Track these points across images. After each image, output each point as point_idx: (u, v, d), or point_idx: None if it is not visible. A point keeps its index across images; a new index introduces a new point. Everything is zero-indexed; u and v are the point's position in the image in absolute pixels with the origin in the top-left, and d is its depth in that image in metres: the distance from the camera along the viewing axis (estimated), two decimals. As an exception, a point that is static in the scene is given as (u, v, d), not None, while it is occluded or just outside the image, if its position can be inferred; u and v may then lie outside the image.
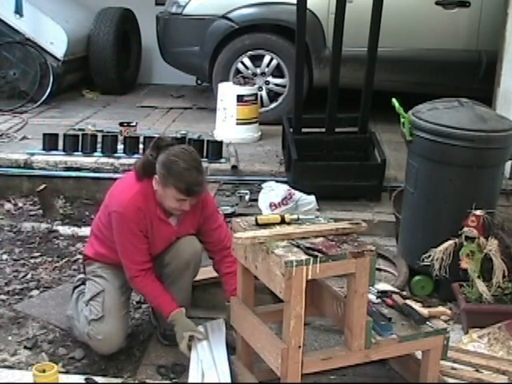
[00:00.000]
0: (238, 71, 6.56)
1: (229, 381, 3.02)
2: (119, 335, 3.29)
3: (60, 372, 3.04)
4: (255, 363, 3.13)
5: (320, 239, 2.83)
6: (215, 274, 3.57)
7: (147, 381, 3.17)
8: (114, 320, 3.27)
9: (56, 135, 5.63)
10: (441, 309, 3.22)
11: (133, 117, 6.59)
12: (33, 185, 5.26)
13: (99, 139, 5.59)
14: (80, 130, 6.18)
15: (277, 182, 4.94)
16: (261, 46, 6.56)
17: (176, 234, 3.37)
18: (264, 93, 6.63)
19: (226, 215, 4.51)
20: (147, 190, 3.22)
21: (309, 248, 2.72)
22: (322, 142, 5.17)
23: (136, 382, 3.17)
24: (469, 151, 3.80)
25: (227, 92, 6.10)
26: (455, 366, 3.26)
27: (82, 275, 3.73)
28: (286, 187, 4.75)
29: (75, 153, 5.50)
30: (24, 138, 5.99)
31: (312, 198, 4.73)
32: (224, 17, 6.56)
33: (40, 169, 5.40)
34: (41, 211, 5.08)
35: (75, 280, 3.71)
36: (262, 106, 6.57)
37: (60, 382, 2.97)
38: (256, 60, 6.60)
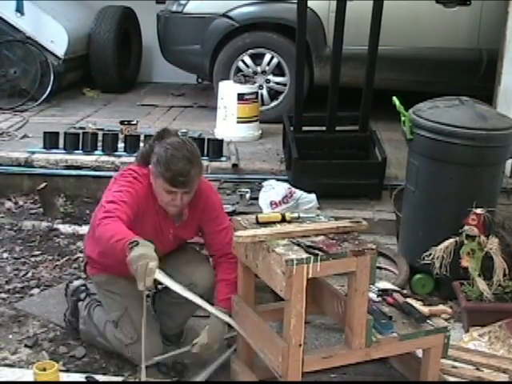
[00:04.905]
0: (238, 69, 6.56)
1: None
2: (158, 346, 3.25)
3: (61, 370, 3.03)
4: (256, 362, 3.14)
5: (320, 237, 2.83)
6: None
7: (147, 379, 3.16)
8: (150, 335, 3.16)
9: (57, 134, 5.63)
10: (441, 307, 3.23)
11: (133, 115, 6.59)
12: (33, 183, 5.26)
13: (100, 138, 5.59)
14: (81, 128, 6.18)
15: (277, 180, 4.93)
16: (261, 44, 6.56)
17: (175, 231, 3.25)
18: (265, 91, 6.63)
19: (227, 213, 4.51)
20: (150, 184, 3.10)
21: (309, 246, 2.72)
22: (322, 141, 5.17)
23: (136, 380, 3.17)
24: (469, 149, 3.80)
25: (228, 90, 6.10)
26: (456, 364, 3.26)
27: (80, 281, 3.66)
28: (286, 186, 4.75)
29: (76, 151, 5.50)
30: (24, 136, 5.98)
31: (312, 196, 4.73)
32: (224, 15, 6.56)
33: (40, 167, 5.40)
34: (41, 210, 5.08)
35: (71, 288, 3.59)
36: (263, 104, 6.57)
37: (60, 380, 2.97)
38: (257, 58, 6.60)
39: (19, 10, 7.11)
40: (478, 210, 3.67)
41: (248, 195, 4.94)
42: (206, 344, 3.11)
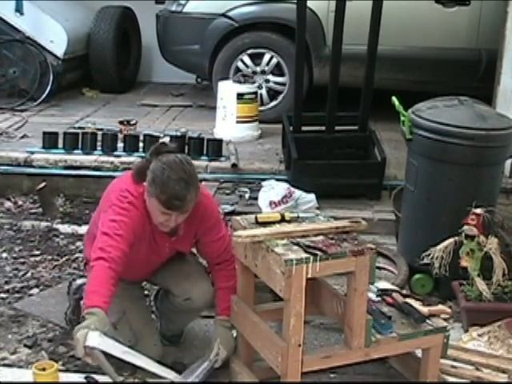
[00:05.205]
0: (237, 69, 6.57)
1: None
2: (157, 348, 3.24)
3: (60, 370, 3.04)
4: (255, 361, 3.14)
5: (320, 237, 2.83)
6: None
7: (147, 379, 3.17)
8: (149, 338, 3.19)
9: (56, 133, 5.64)
10: (441, 307, 3.23)
11: (133, 115, 6.59)
12: (33, 183, 5.26)
13: (99, 137, 5.60)
14: (80, 128, 6.18)
15: (277, 180, 4.94)
16: (261, 44, 6.56)
17: (171, 244, 3.19)
18: (264, 91, 6.64)
19: (226, 214, 4.52)
20: (145, 204, 3.02)
21: (309, 246, 2.72)
22: (321, 141, 5.17)
23: (136, 380, 3.17)
24: (469, 149, 3.80)
25: (227, 90, 6.10)
26: (455, 364, 3.26)
27: (82, 280, 3.63)
28: (285, 185, 4.76)
29: (75, 151, 5.50)
30: (24, 136, 5.99)
31: (312, 196, 4.73)
32: (224, 15, 6.56)
33: (40, 167, 5.40)
34: (41, 209, 5.08)
35: (74, 286, 3.58)
36: (262, 104, 6.57)
37: (60, 380, 2.97)
38: (256, 58, 6.61)
39: (19, 9, 7.12)
40: (478, 210, 3.67)
41: (247, 195, 4.94)
42: (226, 355, 3.17)
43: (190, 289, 3.23)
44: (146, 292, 3.74)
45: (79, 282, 3.62)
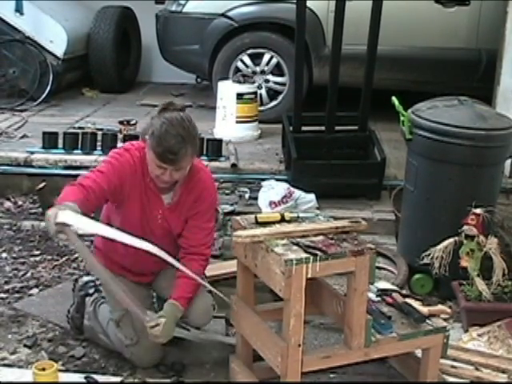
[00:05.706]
0: (237, 69, 6.56)
1: None
2: (158, 348, 3.23)
3: (60, 370, 3.03)
4: (255, 361, 3.14)
5: (320, 237, 2.83)
6: (219, 272, 3.54)
7: (147, 379, 3.17)
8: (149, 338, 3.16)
9: (56, 133, 5.63)
10: (440, 307, 3.23)
11: (132, 115, 6.57)
12: (32, 183, 5.25)
13: (99, 137, 5.59)
14: (80, 128, 6.18)
15: (276, 180, 4.94)
16: (260, 44, 6.56)
17: (164, 212, 3.17)
18: (264, 91, 6.63)
19: (226, 213, 4.52)
20: (142, 156, 3.12)
21: (308, 246, 2.72)
22: (321, 141, 5.17)
23: (135, 380, 3.17)
24: (468, 149, 3.80)
25: (227, 90, 6.10)
26: (455, 364, 3.26)
27: (89, 277, 3.62)
28: (285, 185, 4.76)
29: (75, 151, 5.50)
30: (24, 136, 5.98)
31: (312, 196, 4.73)
32: (224, 15, 6.56)
33: (40, 167, 5.39)
34: (40, 209, 5.08)
35: (80, 283, 3.57)
36: (262, 104, 6.57)
37: (60, 380, 2.97)
38: (256, 58, 6.60)
39: (18, 9, 7.11)
40: (477, 210, 3.67)
41: (247, 195, 4.94)
42: (158, 336, 3.06)
43: (188, 310, 3.19)
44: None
45: (85, 278, 3.62)
